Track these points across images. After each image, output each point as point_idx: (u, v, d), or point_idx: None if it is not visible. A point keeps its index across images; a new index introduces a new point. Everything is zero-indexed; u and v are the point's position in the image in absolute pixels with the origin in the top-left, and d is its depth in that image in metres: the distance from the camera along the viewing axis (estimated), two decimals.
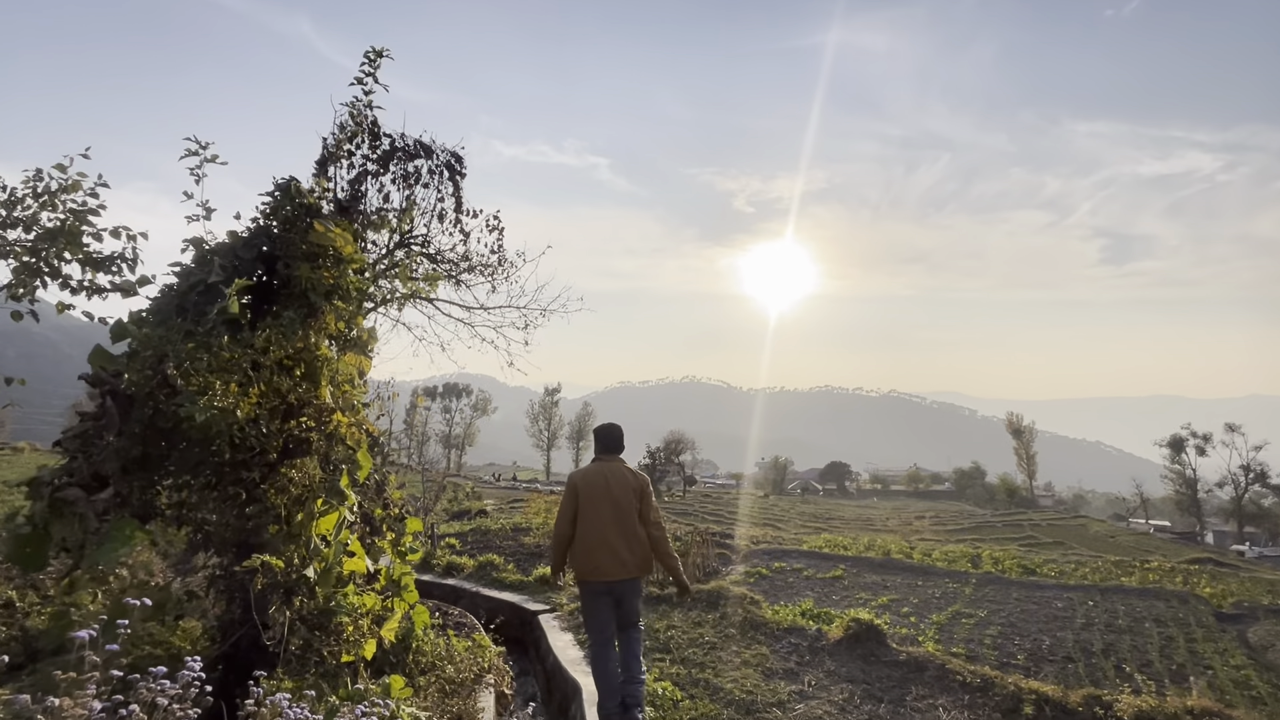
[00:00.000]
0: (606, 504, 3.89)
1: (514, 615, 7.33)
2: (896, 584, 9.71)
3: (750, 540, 14.47)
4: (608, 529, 3.85)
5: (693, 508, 46.98)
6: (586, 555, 3.87)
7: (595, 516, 3.88)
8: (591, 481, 3.98)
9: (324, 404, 3.72)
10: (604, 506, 3.89)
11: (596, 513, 3.88)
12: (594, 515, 3.88)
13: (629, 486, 3.98)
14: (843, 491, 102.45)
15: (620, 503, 3.90)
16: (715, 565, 10.90)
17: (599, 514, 3.88)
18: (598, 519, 3.87)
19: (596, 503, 3.90)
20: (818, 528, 35.80)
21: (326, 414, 3.71)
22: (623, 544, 3.86)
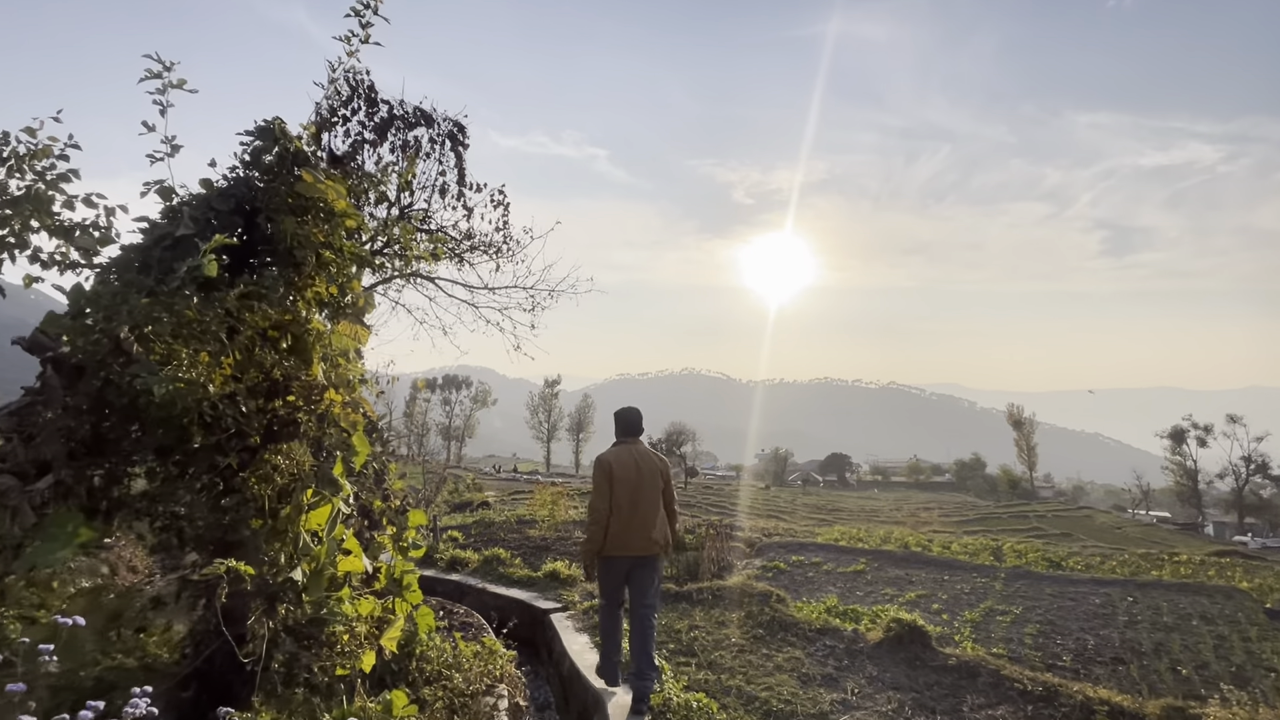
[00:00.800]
0: (639, 484, 4.06)
1: (524, 614, 6.87)
2: (922, 579, 9.26)
3: (762, 533, 14.03)
4: (640, 508, 4.04)
5: (695, 499, 46.60)
6: (619, 533, 4.02)
7: (628, 496, 4.03)
8: (624, 463, 4.10)
9: (314, 380, 3.23)
10: (636, 487, 4.05)
11: (629, 493, 4.04)
12: (627, 495, 4.03)
13: (655, 468, 4.19)
14: (843, 483, 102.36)
15: (650, 483, 4.11)
16: (730, 559, 10.45)
17: (632, 494, 4.04)
18: (630, 498, 4.03)
19: (629, 483, 4.05)
20: (824, 519, 35.42)
21: (317, 392, 3.22)
22: (652, 522, 4.07)
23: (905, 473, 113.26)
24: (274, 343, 3.11)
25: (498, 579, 7.93)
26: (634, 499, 4.03)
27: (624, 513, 4.02)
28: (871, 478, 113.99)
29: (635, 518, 4.02)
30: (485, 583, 7.82)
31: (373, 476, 4.74)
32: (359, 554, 3.35)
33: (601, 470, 4.13)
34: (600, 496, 4.08)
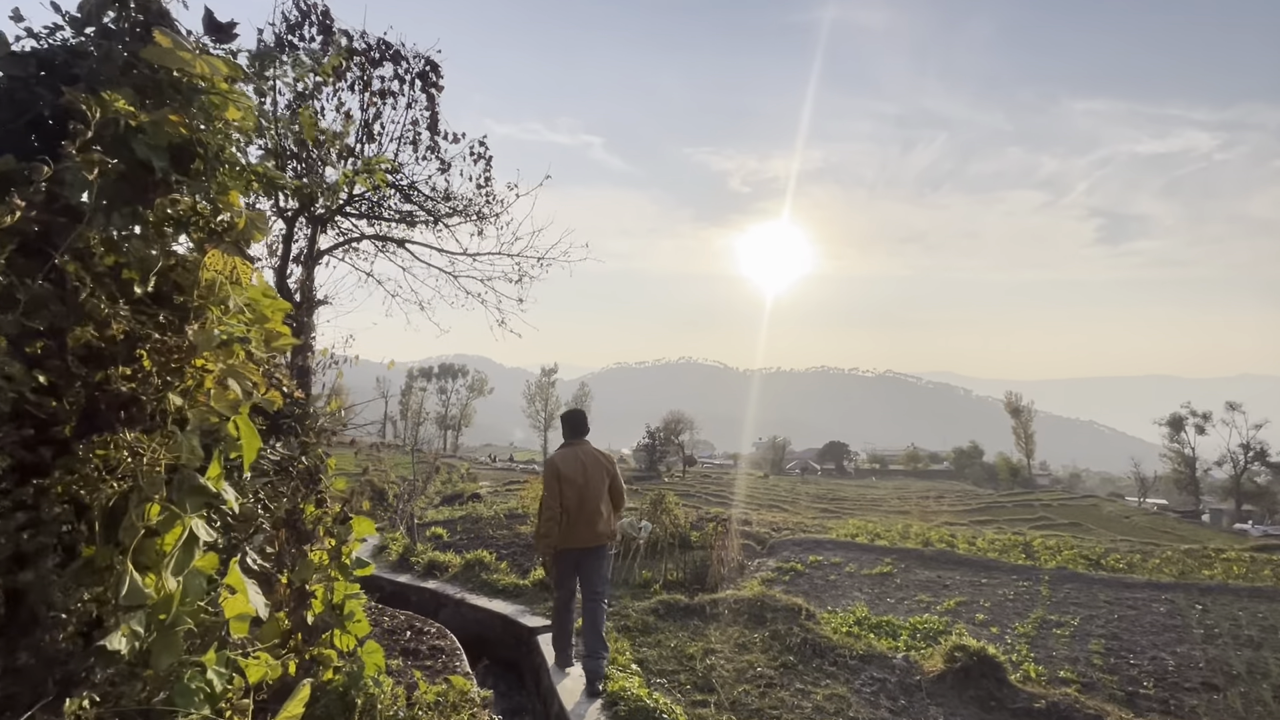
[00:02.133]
0: (586, 483, 4.32)
1: (508, 633, 5.87)
2: (956, 581, 8.29)
3: (770, 527, 13.06)
4: (588, 505, 4.32)
5: (694, 488, 45.75)
6: (568, 528, 4.30)
7: (575, 495, 4.30)
8: (570, 464, 4.36)
9: (173, 341, 2.17)
10: (584, 486, 4.31)
11: (576, 491, 4.31)
12: (575, 494, 4.30)
13: (601, 467, 4.46)
14: (841, 471, 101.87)
15: (597, 481, 4.38)
16: (741, 559, 9.49)
17: (579, 493, 4.31)
18: (578, 496, 4.30)
19: (576, 483, 4.30)
20: (828, 510, 34.58)
21: (176, 358, 2.17)
22: (598, 517, 4.36)
23: (903, 461, 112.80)
24: (102, 279, 2.05)
25: (480, 587, 6.93)
26: (581, 496, 4.31)
27: (572, 510, 4.30)
28: (870, 466, 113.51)
29: (582, 514, 4.31)
30: (465, 592, 6.81)
31: (306, 476, 3.71)
32: (244, 593, 2.30)
33: (550, 472, 4.43)
34: (552, 495, 4.34)
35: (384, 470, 24.45)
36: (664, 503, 10.81)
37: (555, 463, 4.42)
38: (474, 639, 6.23)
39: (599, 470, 4.42)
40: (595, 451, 4.56)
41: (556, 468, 4.38)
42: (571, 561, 4.44)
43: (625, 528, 9.63)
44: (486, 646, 6.09)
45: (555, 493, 4.33)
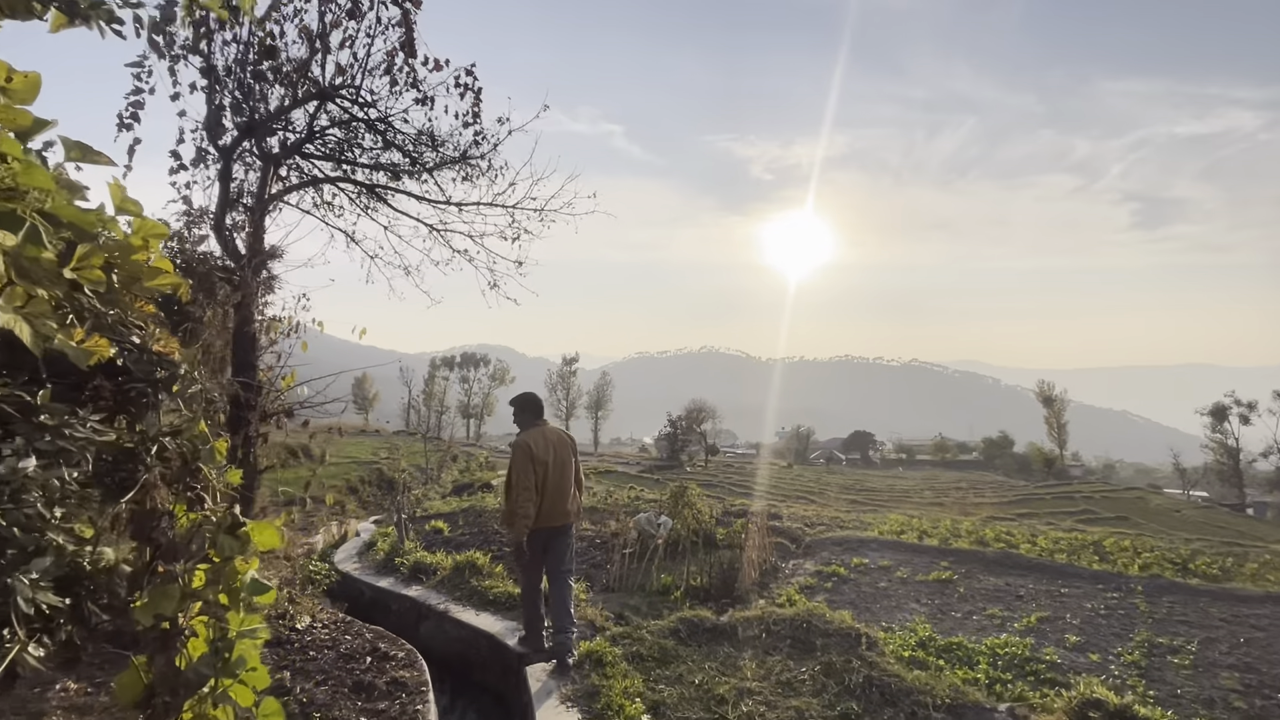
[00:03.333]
0: (556, 463, 4.39)
1: (494, 656, 4.81)
2: (1030, 591, 7.05)
3: (803, 522, 11.86)
4: (559, 484, 4.41)
5: (716, 478, 44.54)
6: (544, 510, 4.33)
7: (548, 474, 4.35)
8: (540, 444, 4.38)
9: None
10: (554, 465, 4.37)
11: (548, 471, 4.35)
12: (544, 473, 4.34)
13: (567, 446, 4.58)
14: (866, 461, 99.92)
15: (564, 460, 4.49)
16: (775, 561, 8.33)
17: (549, 472, 4.35)
18: (550, 476, 4.36)
19: (548, 462, 4.34)
20: (856, 500, 33.20)
21: None
22: (567, 495, 4.49)
23: (931, 451, 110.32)
24: None
25: (469, 596, 5.87)
26: (551, 476, 4.33)
27: (544, 490, 4.32)
28: (896, 456, 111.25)
29: (554, 494, 4.35)
30: (451, 601, 5.77)
31: (182, 462, 2.63)
32: None
33: (523, 452, 4.36)
34: (526, 475, 4.29)
35: (395, 458, 23.74)
36: (686, 496, 9.68)
37: (528, 444, 4.39)
38: (457, 659, 5.19)
39: (565, 449, 4.51)
40: (559, 431, 4.62)
41: (529, 449, 4.36)
42: (540, 542, 4.46)
43: (642, 524, 8.52)
44: (470, 670, 5.05)
45: (529, 473, 4.31)
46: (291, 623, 4.94)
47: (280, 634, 4.61)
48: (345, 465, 21.81)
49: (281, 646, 4.46)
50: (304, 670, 4.06)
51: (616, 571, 7.16)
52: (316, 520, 11.45)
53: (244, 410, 4.64)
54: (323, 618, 5.27)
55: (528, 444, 4.37)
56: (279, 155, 5.35)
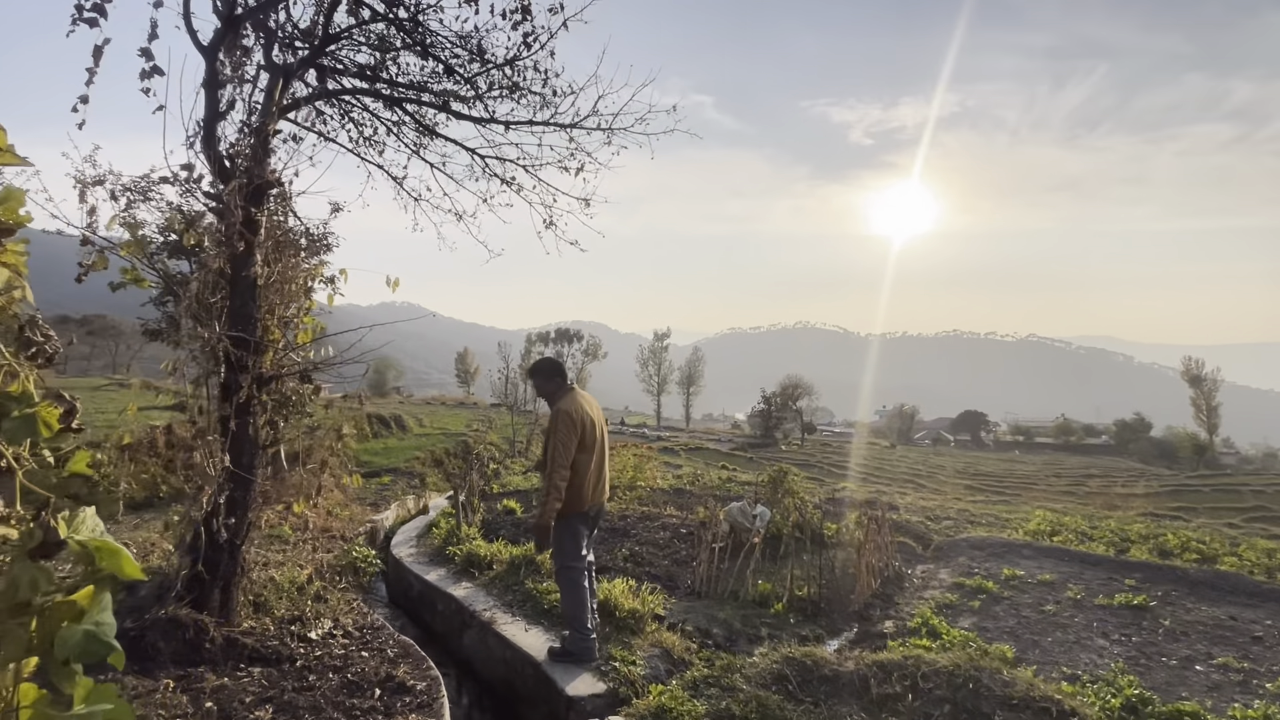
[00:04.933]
0: (598, 432, 3.95)
1: (540, 690, 3.71)
2: (1270, 630, 5.16)
3: (925, 515, 10.13)
4: (603, 455, 3.97)
5: (814, 458, 42.28)
6: (594, 485, 3.87)
7: (599, 445, 3.91)
8: (588, 413, 3.90)
9: None
10: (602, 435, 3.97)
11: (599, 441, 3.92)
12: (599, 444, 3.91)
13: (600, 413, 4.10)
14: (978, 443, 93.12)
15: (604, 429, 4.07)
16: (899, 566, 6.81)
17: (601, 442, 3.94)
18: (601, 446, 3.93)
19: (598, 432, 3.92)
20: (972, 487, 30.23)
21: None
22: (608, 466, 4.08)
23: (1052, 433, 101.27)
24: None
25: (521, 602, 4.84)
26: (601, 447, 3.94)
27: (594, 462, 3.87)
28: (1011, 438, 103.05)
29: (603, 467, 3.97)
30: (499, 608, 4.74)
31: None
32: None
33: (571, 420, 3.77)
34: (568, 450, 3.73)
35: (484, 431, 23.63)
36: (785, 483, 8.28)
37: (575, 412, 3.81)
38: (501, 683, 4.15)
39: (601, 417, 4.10)
40: (590, 396, 4.12)
41: (579, 417, 3.81)
42: (589, 523, 3.99)
43: (735, 515, 7.23)
44: (515, 701, 3.99)
45: (572, 445, 3.76)
46: (304, 630, 4.07)
47: (281, 649, 3.73)
48: (434, 437, 21.82)
49: (277, 666, 3.57)
50: (290, 707, 3.12)
51: (704, 572, 5.94)
52: (391, 494, 10.99)
53: (237, 372, 3.75)
54: (347, 622, 4.39)
55: (571, 411, 3.79)
56: (289, 68, 4.40)
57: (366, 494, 11.06)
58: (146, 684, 3.12)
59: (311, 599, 4.65)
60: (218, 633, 3.56)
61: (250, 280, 3.97)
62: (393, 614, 6.12)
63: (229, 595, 3.81)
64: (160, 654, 3.32)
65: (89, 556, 1.69)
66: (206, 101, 3.86)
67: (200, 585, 3.63)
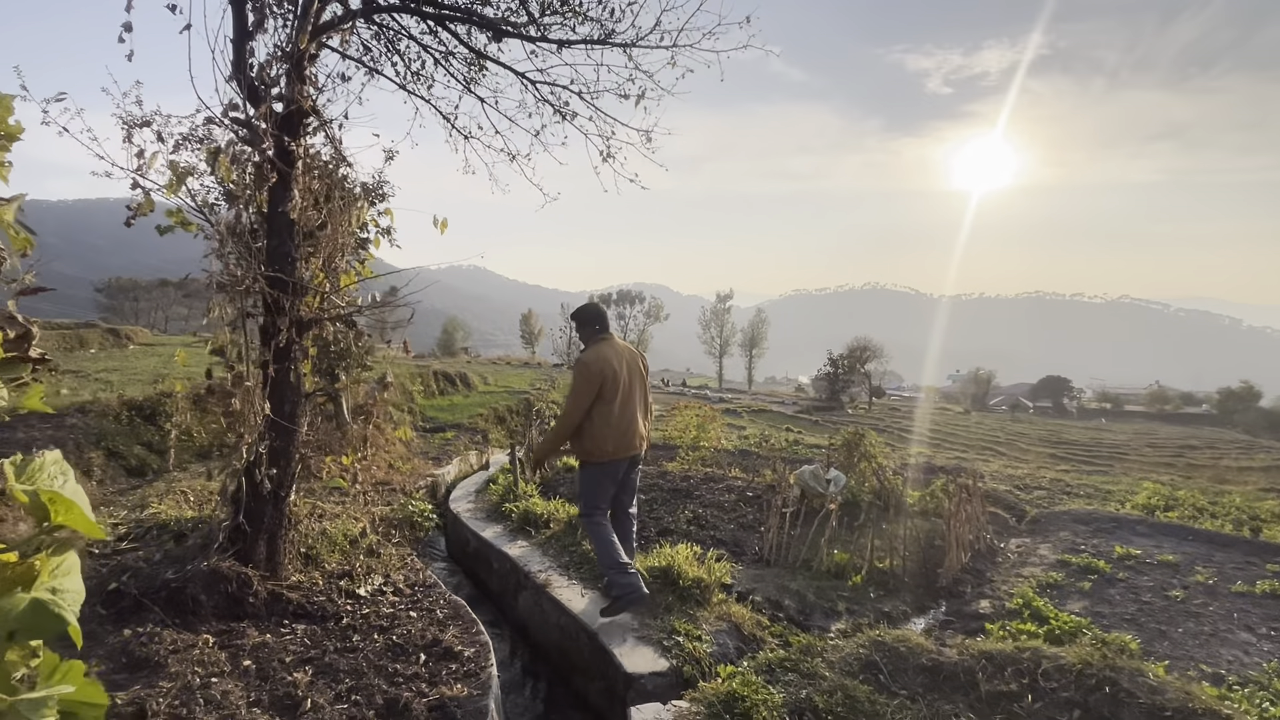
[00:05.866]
0: (633, 382, 3.85)
1: (595, 661, 3.40)
2: None
3: (1013, 484, 9.32)
4: (634, 407, 3.85)
5: (883, 422, 40.82)
6: (620, 435, 3.75)
7: (625, 396, 3.78)
8: (610, 363, 3.75)
9: None
10: (632, 385, 3.84)
11: (625, 392, 3.79)
12: (624, 394, 3.77)
13: (639, 362, 4.00)
14: (1060, 410, 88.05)
15: (640, 380, 3.94)
16: (989, 539, 6.18)
17: (627, 392, 3.80)
18: (626, 397, 3.79)
19: (625, 382, 3.79)
20: (1055, 455, 28.43)
21: None
22: (643, 419, 3.93)
23: (1145, 401, 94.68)
24: None
25: (578, 564, 4.54)
26: (627, 397, 3.78)
27: (616, 413, 3.72)
28: (1098, 405, 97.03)
29: (626, 416, 3.77)
30: (554, 570, 4.47)
31: None
32: None
33: (590, 372, 3.70)
34: (579, 402, 3.68)
35: (545, 389, 23.76)
36: (862, 445, 7.67)
37: (594, 363, 3.71)
38: (555, 650, 3.89)
39: (637, 366, 3.95)
40: (629, 347, 4.02)
41: (596, 369, 3.68)
42: (619, 474, 3.90)
43: (807, 479, 6.73)
44: (570, 671, 3.71)
45: (588, 398, 3.68)
46: (353, 586, 3.89)
47: (327, 606, 3.55)
48: (498, 394, 22.06)
49: (322, 624, 3.38)
50: (330, 670, 2.91)
51: (773, 539, 5.51)
52: (454, 449, 11.02)
53: (275, 315, 3.51)
54: (398, 578, 4.20)
55: (596, 363, 3.70)
56: None
57: (430, 448, 11.13)
58: (186, 638, 2.97)
59: (364, 553, 4.50)
60: (262, 587, 3.40)
61: (287, 218, 3.69)
62: (450, 569, 6.00)
63: (275, 548, 3.65)
64: (202, 607, 3.17)
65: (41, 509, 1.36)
66: (234, 18, 3.54)
67: (244, 537, 3.47)
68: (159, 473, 6.13)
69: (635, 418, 3.82)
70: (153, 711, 2.45)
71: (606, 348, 3.83)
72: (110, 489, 5.52)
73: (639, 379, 3.93)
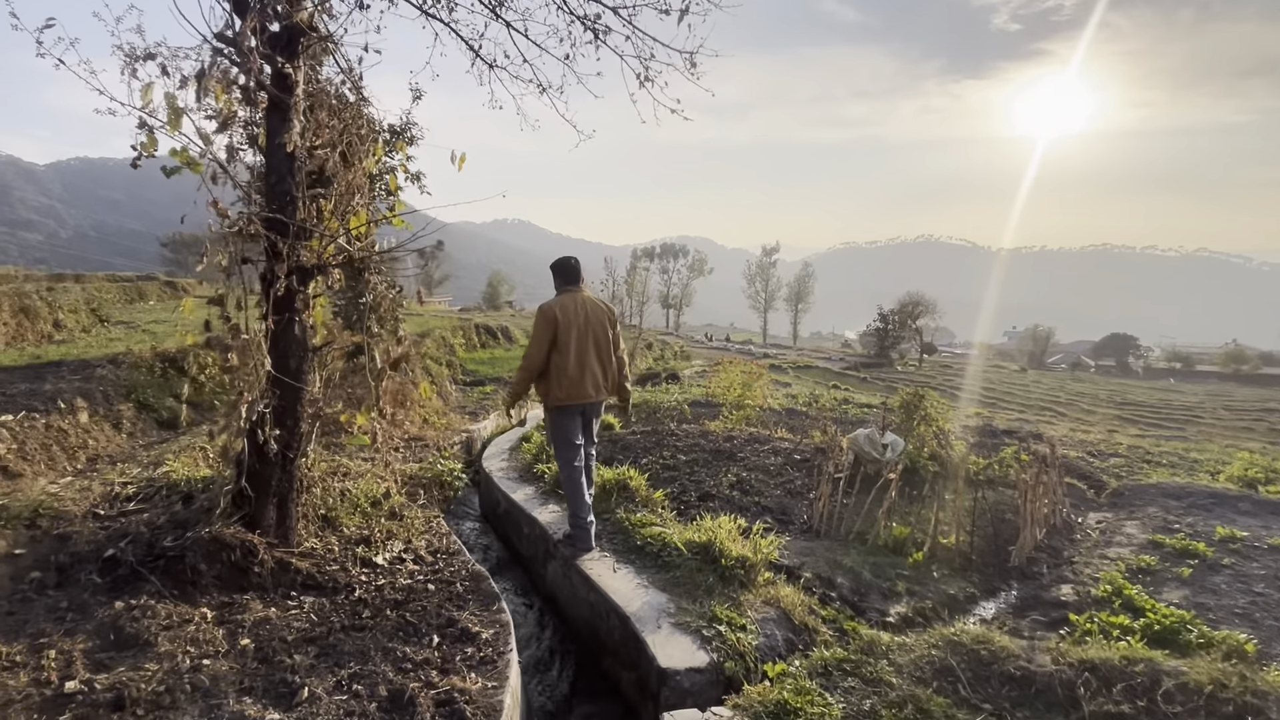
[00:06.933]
0: (588, 332, 3.97)
1: (629, 650, 3.05)
2: None
3: (1084, 451, 8.58)
4: (589, 356, 3.97)
5: (934, 380, 39.39)
6: (572, 382, 3.92)
7: (578, 345, 3.94)
8: (569, 311, 3.95)
9: None
10: (586, 335, 3.96)
11: (579, 341, 3.94)
12: (577, 343, 3.93)
13: (603, 315, 4.09)
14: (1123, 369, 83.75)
15: (599, 331, 4.03)
16: (1066, 513, 5.59)
17: (581, 342, 3.94)
18: (581, 347, 3.94)
19: (579, 332, 3.94)
20: (1123, 417, 26.88)
21: None
22: (600, 369, 4.03)
23: (1220, 361, 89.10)
24: None
25: (611, 534, 4.20)
26: (581, 347, 3.94)
27: (573, 361, 3.92)
28: (1167, 365, 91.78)
29: (585, 365, 3.95)
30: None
31: None
32: None
33: (545, 319, 3.93)
34: (538, 349, 3.93)
35: None
36: (923, 407, 7.07)
37: (552, 311, 3.92)
38: (585, 626, 3.58)
39: (601, 320, 4.04)
40: (595, 299, 4.12)
41: (553, 316, 3.89)
42: (576, 418, 4.03)
43: (862, 444, 6.21)
44: (600, 652, 3.40)
45: (544, 345, 3.91)
46: (370, 553, 3.63)
47: (339, 576, 3.29)
48: None
49: (332, 597, 3.12)
50: (334, 651, 2.64)
51: (823, 508, 5.06)
52: (492, 403, 10.83)
53: (274, 261, 3.15)
54: (420, 544, 3.94)
55: (553, 310, 3.91)
56: None
57: (468, 402, 10.98)
58: (183, 611, 2.74)
59: (386, 516, 4.26)
60: (268, 555, 3.15)
61: (285, 152, 3.29)
62: (482, 529, 5.78)
63: (285, 512, 3.40)
64: (202, 577, 2.94)
65: None
66: None
67: (249, 501, 3.21)
68: (191, 426, 6.04)
69: (590, 367, 3.96)
70: (132, 699, 2.20)
71: (568, 299, 3.99)
72: (140, 441, 5.42)
73: (600, 331, 4.01)
